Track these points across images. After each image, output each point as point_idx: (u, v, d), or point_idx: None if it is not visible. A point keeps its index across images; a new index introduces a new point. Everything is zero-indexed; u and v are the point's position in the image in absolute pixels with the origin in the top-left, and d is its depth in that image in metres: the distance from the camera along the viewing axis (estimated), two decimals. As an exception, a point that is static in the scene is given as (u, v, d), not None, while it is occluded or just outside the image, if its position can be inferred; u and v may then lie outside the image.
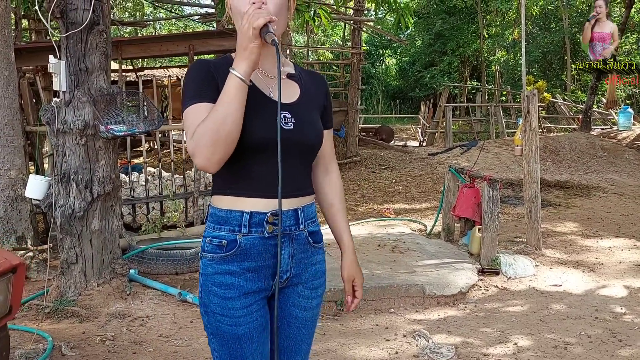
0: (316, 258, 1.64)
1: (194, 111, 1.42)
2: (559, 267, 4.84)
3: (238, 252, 1.49)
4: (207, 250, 1.52)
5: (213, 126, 1.34)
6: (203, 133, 1.35)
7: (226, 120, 1.35)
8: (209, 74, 1.48)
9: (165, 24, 20.38)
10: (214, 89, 1.44)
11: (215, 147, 1.36)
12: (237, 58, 1.38)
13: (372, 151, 11.43)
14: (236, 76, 1.36)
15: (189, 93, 1.46)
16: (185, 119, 1.44)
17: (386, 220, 6.68)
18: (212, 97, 1.43)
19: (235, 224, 1.48)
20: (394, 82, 31.60)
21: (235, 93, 1.36)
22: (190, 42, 5.97)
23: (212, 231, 1.52)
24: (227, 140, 1.36)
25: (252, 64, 1.38)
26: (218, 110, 1.36)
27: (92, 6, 3.56)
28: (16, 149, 4.46)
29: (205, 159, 1.37)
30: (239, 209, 1.48)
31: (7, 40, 4.36)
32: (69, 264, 3.79)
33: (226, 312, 1.49)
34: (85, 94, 3.64)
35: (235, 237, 1.48)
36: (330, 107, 1.69)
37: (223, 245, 1.49)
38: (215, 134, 1.34)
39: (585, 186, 8.64)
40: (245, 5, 1.44)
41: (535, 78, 18.83)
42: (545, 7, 22.65)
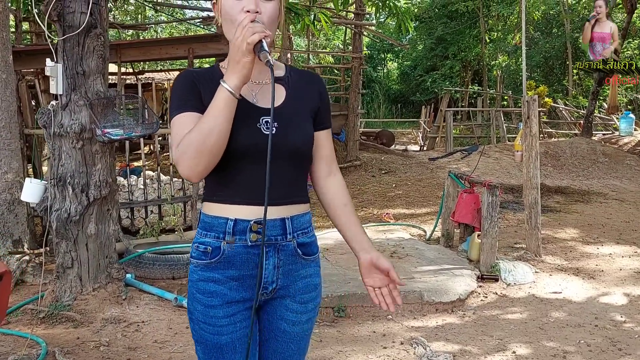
0: (307, 271, 1.57)
1: (179, 121, 1.43)
2: (558, 273, 4.80)
3: (222, 259, 1.47)
4: (194, 256, 1.51)
5: (199, 137, 1.34)
6: (189, 143, 1.35)
7: (212, 132, 1.34)
8: (193, 84, 1.48)
9: (166, 27, 20.41)
10: (197, 98, 1.45)
11: (199, 158, 1.35)
12: (229, 71, 1.36)
13: (373, 155, 11.42)
14: (226, 89, 1.35)
15: (173, 104, 1.47)
16: (171, 128, 1.45)
17: (385, 225, 6.65)
18: (196, 106, 1.43)
19: (220, 231, 1.47)
20: (396, 86, 31.59)
21: (223, 106, 1.35)
22: (190, 46, 5.95)
23: (199, 237, 1.51)
24: (212, 151, 1.36)
25: (243, 78, 1.36)
26: (205, 122, 1.35)
27: (89, 9, 3.54)
28: (13, 152, 4.44)
29: (189, 169, 1.37)
30: (224, 215, 1.47)
31: (5, 43, 4.35)
32: (64, 268, 3.76)
33: (209, 320, 1.48)
34: (82, 97, 3.62)
35: (220, 244, 1.47)
36: (326, 106, 1.63)
37: (208, 251, 1.48)
38: (201, 145, 1.34)
39: (586, 192, 8.61)
40: (238, 12, 1.42)
41: (537, 83, 18.79)
42: (547, 12, 22.67)
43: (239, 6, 1.43)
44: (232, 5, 1.44)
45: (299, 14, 5.52)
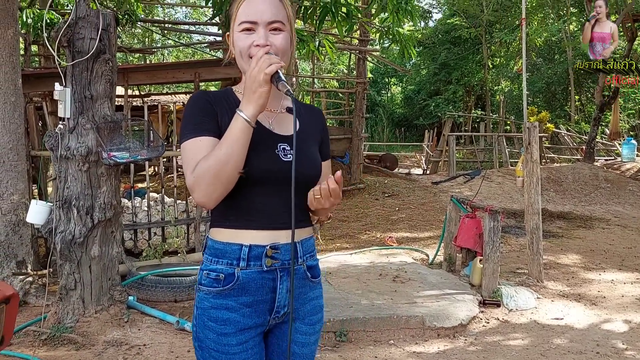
0: (314, 293, 1.61)
1: (194, 145, 1.43)
2: (560, 299, 4.79)
3: (236, 286, 1.47)
4: (204, 283, 1.50)
5: (215, 165, 1.36)
6: (205, 171, 1.36)
7: (229, 161, 1.36)
8: (209, 106, 1.49)
9: (173, 51, 20.67)
10: (213, 122, 1.46)
11: (215, 185, 1.37)
12: (245, 100, 1.39)
13: (376, 178, 11.46)
14: (243, 118, 1.37)
15: (188, 126, 1.46)
16: (184, 151, 1.45)
17: (388, 249, 6.66)
18: (212, 130, 1.44)
19: (233, 257, 1.47)
20: (400, 109, 31.81)
21: (240, 135, 1.37)
22: (196, 70, 6.05)
23: (209, 264, 1.50)
24: (228, 180, 1.38)
25: (260, 108, 1.39)
26: (222, 150, 1.37)
27: (98, 35, 3.63)
28: (20, 173, 4.49)
29: (205, 196, 1.39)
30: (238, 241, 1.48)
31: (15, 67, 4.43)
32: (67, 290, 3.78)
33: (222, 348, 1.47)
34: (89, 121, 3.68)
35: (234, 271, 1.47)
36: (327, 138, 1.69)
37: (220, 279, 1.47)
38: (217, 172, 1.36)
39: (588, 217, 8.61)
40: (249, 47, 1.47)
41: (539, 108, 18.91)
42: (549, 38, 22.90)
43: (249, 40, 1.48)
44: (243, 39, 1.48)
45: (303, 40, 5.60)
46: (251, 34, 1.48)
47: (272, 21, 1.48)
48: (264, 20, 1.47)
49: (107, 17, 3.74)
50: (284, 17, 1.51)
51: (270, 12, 1.48)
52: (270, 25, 1.48)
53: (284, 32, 1.50)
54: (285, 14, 1.52)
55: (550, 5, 21.05)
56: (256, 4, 1.48)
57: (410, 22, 6.15)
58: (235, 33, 1.51)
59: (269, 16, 1.48)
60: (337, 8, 5.78)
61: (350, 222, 8.27)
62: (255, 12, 1.47)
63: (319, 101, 17.84)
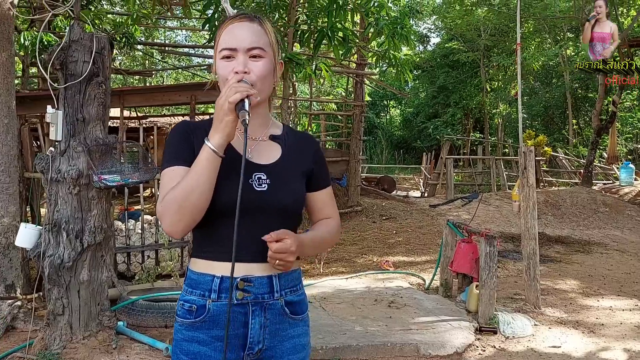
0: (295, 331, 1.53)
1: (168, 174, 1.44)
2: (558, 327, 4.72)
3: (207, 318, 1.44)
4: (179, 314, 1.48)
5: (181, 195, 1.35)
6: (171, 200, 1.36)
7: (194, 191, 1.35)
8: (186, 135, 1.49)
9: (172, 73, 20.80)
10: (189, 151, 1.46)
11: (180, 215, 1.36)
12: (213, 130, 1.39)
13: (374, 201, 11.41)
14: (209, 148, 1.37)
15: (166, 155, 1.48)
16: (161, 180, 1.47)
17: (385, 274, 6.59)
18: (187, 160, 1.44)
19: (205, 289, 1.45)
20: (398, 132, 31.94)
21: (206, 165, 1.37)
22: (193, 93, 6.06)
23: (185, 294, 1.49)
24: (193, 210, 1.37)
25: (226, 137, 1.38)
26: (188, 180, 1.36)
27: (92, 58, 3.62)
28: (11, 196, 4.45)
29: (171, 225, 1.38)
30: (210, 272, 1.45)
31: (10, 89, 4.42)
32: (55, 316, 3.71)
33: None
34: (81, 143, 3.66)
35: (205, 303, 1.44)
36: (322, 167, 1.62)
37: (193, 310, 1.45)
38: (182, 202, 1.35)
39: (586, 242, 8.55)
40: (229, 73, 1.46)
41: (537, 132, 18.97)
42: (547, 62, 23.08)
43: (229, 67, 1.46)
44: (224, 67, 1.48)
45: (298, 64, 5.63)
46: (231, 61, 1.47)
47: (252, 47, 1.47)
48: (243, 47, 1.46)
49: (101, 40, 3.74)
50: (265, 43, 1.49)
51: (250, 39, 1.47)
52: (250, 51, 1.47)
53: (264, 59, 1.48)
54: (267, 41, 1.50)
55: (547, 31, 21.28)
56: (236, 31, 1.48)
57: (406, 46, 6.18)
58: (217, 60, 1.50)
59: (248, 43, 1.47)
60: (334, 32, 5.82)
61: (346, 246, 8.21)
62: (235, 39, 1.47)
63: (319, 123, 17.92)
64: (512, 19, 18.04)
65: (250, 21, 1.50)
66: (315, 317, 4.57)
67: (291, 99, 10.08)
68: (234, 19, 1.51)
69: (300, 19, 7.47)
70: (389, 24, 5.76)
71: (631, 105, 21.44)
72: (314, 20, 6.44)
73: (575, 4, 15.85)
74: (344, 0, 5.82)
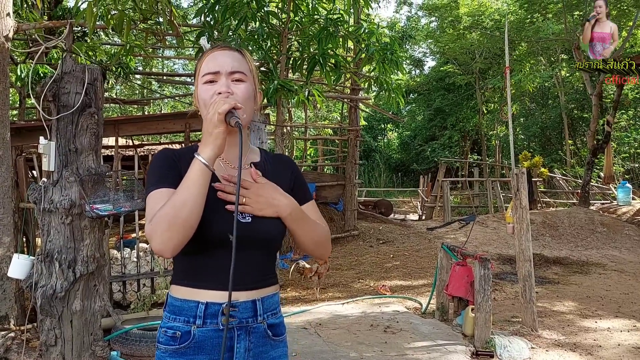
0: (277, 352, 1.57)
1: (155, 196, 1.43)
2: (555, 349, 4.68)
3: (192, 344, 1.44)
4: (162, 341, 1.48)
5: (172, 210, 1.34)
6: (162, 217, 1.34)
7: (186, 204, 1.34)
8: (172, 161, 1.51)
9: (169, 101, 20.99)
10: (175, 175, 1.45)
11: (172, 231, 1.33)
12: (202, 144, 1.41)
13: (371, 225, 11.41)
14: (200, 161, 1.37)
15: (150, 180, 1.47)
16: (147, 204, 1.45)
17: (381, 298, 6.56)
18: (173, 183, 1.43)
19: (190, 315, 1.45)
20: (396, 155, 32.06)
21: (197, 178, 1.37)
22: (187, 121, 6.12)
23: (167, 321, 1.49)
24: (184, 225, 1.34)
25: (216, 150, 1.39)
26: (178, 195, 1.36)
27: (84, 90, 3.67)
28: (5, 226, 4.47)
29: (162, 243, 1.34)
30: (195, 299, 1.46)
31: (4, 121, 4.47)
32: (47, 347, 3.69)
33: None
34: (73, 173, 3.68)
35: (190, 329, 1.45)
36: (300, 183, 1.66)
37: (177, 336, 1.45)
38: (173, 218, 1.33)
39: (584, 262, 8.52)
40: (212, 95, 1.49)
41: (534, 153, 19.06)
42: (542, 84, 23.31)
43: (211, 91, 1.50)
44: (206, 90, 1.51)
45: (290, 91, 5.70)
46: (214, 85, 1.51)
47: (234, 71, 1.51)
48: (225, 70, 1.51)
49: (93, 71, 3.79)
50: (246, 69, 1.54)
51: (232, 64, 1.52)
52: (232, 75, 1.51)
53: (245, 83, 1.53)
54: (248, 68, 1.56)
55: (540, 53, 21.53)
56: (218, 57, 1.53)
57: (397, 71, 6.27)
58: (199, 86, 1.53)
59: (231, 67, 1.51)
60: (325, 59, 5.91)
61: (343, 270, 8.18)
62: (217, 64, 1.51)
63: (316, 148, 17.99)
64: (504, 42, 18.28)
65: (231, 50, 1.56)
66: (310, 343, 4.55)
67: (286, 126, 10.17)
68: (215, 48, 1.56)
69: (293, 47, 7.59)
70: (379, 50, 5.86)
71: (627, 125, 21.57)
72: (306, 48, 6.54)
73: (567, 26, 16.09)
74: (334, 28, 5.92)
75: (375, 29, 6.29)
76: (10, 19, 4.54)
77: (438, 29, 24.47)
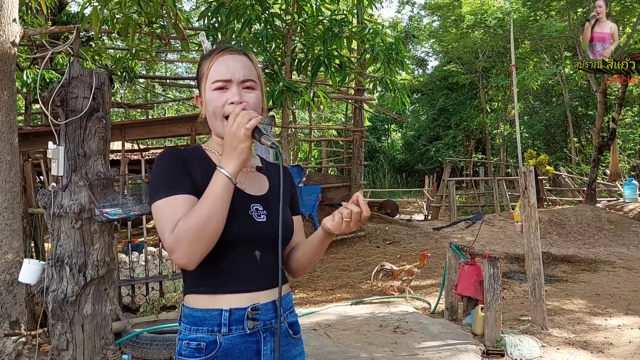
0: (297, 350, 1.59)
1: (170, 204, 1.37)
2: (566, 347, 4.67)
3: (219, 353, 1.42)
4: (185, 354, 1.44)
5: (198, 224, 1.31)
6: (187, 230, 1.31)
7: (212, 219, 1.32)
8: (181, 162, 1.45)
9: (173, 105, 21.03)
10: (187, 179, 1.42)
11: (197, 244, 1.32)
12: (226, 157, 1.36)
13: (377, 225, 11.38)
14: (224, 175, 1.34)
15: (161, 184, 1.41)
16: (159, 211, 1.38)
17: (390, 299, 6.55)
18: (187, 187, 1.40)
19: (214, 324, 1.42)
20: (400, 155, 32.02)
21: (222, 192, 1.34)
22: (192, 124, 6.12)
23: (188, 333, 1.45)
24: (210, 238, 1.33)
25: (241, 164, 1.37)
26: (204, 208, 1.33)
27: (92, 94, 3.68)
28: (14, 232, 4.48)
29: (186, 256, 1.33)
30: (217, 307, 1.43)
31: (12, 127, 4.49)
32: (59, 351, 3.70)
33: None
34: (82, 178, 3.69)
35: (215, 338, 1.42)
36: (296, 194, 1.69)
37: (202, 347, 1.42)
38: (199, 231, 1.31)
39: (592, 260, 8.49)
40: (222, 105, 1.46)
41: (538, 151, 19.01)
42: (545, 82, 23.26)
43: (223, 99, 1.47)
44: (217, 98, 1.47)
45: (295, 92, 5.70)
46: (224, 92, 1.47)
47: (246, 79, 1.49)
48: (237, 78, 1.48)
49: (100, 76, 3.80)
50: (255, 76, 1.52)
51: (243, 71, 1.49)
52: (244, 83, 1.49)
53: (256, 91, 1.51)
54: (256, 74, 1.53)
55: (544, 50, 21.48)
56: (228, 63, 1.49)
57: (402, 70, 6.26)
58: (207, 92, 1.49)
59: (242, 75, 1.48)
60: (330, 60, 5.91)
61: (350, 271, 8.17)
62: (229, 71, 1.48)
63: (320, 150, 18.00)
64: (508, 40, 18.24)
65: (240, 54, 1.52)
66: (320, 344, 4.54)
67: (291, 127, 10.16)
68: (223, 51, 1.51)
69: (297, 48, 7.59)
70: (384, 50, 5.86)
71: (632, 121, 21.50)
72: (311, 49, 6.55)
73: (571, 23, 16.05)
74: (339, 29, 5.93)
75: (380, 29, 6.29)
76: (16, 24, 4.56)
77: (441, 28, 24.45)
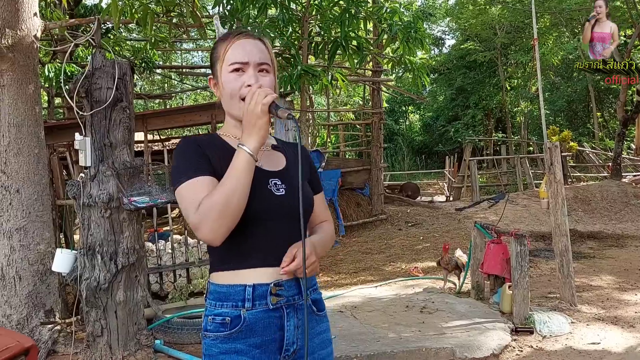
0: (321, 327, 1.61)
1: (193, 186, 1.42)
2: (596, 323, 4.63)
3: (243, 328, 1.46)
4: (210, 329, 1.49)
5: (222, 199, 1.36)
6: (210, 207, 1.36)
7: (235, 194, 1.37)
8: (199, 149, 1.50)
9: (191, 95, 21.13)
10: (207, 163, 1.47)
11: (222, 219, 1.37)
12: (246, 134, 1.42)
13: (399, 208, 11.37)
14: (246, 151, 1.40)
15: (183, 169, 1.46)
16: (182, 194, 1.44)
17: (414, 280, 6.55)
18: (208, 170, 1.45)
19: (238, 299, 1.47)
20: (419, 137, 31.78)
21: (243, 167, 1.39)
22: (212, 112, 6.15)
23: (213, 309, 1.50)
24: (234, 213, 1.38)
25: (261, 140, 1.42)
26: (227, 185, 1.38)
27: (115, 84, 3.72)
28: (45, 223, 4.57)
29: (212, 232, 1.37)
30: (241, 282, 1.48)
31: (38, 120, 4.55)
32: (94, 337, 3.79)
33: None
34: (110, 167, 3.75)
35: (239, 313, 1.47)
36: (315, 173, 1.72)
37: (227, 322, 1.47)
38: (224, 207, 1.36)
39: (620, 236, 8.38)
40: (240, 88, 1.50)
41: (561, 127, 18.73)
42: (566, 56, 22.80)
43: (239, 82, 1.51)
44: (234, 80, 1.52)
45: (314, 76, 5.68)
46: (241, 75, 1.52)
47: (261, 62, 1.53)
48: (254, 62, 1.52)
49: (122, 66, 3.84)
50: (269, 60, 1.57)
51: (259, 54, 1.54)
52: (260, 66, 1.53)
53: (270, 74, 1.56)
54: (270, 58, 1.57)
55: (564, 24, 21.04)
56: (245, 46, 1.53)
57: (421, 49, 6.19)
58: (224, 74, 1.53)
59: (259, 58, 1.53)
60: (348, 42, 5.87)
61: (373, 254, 8.19)
62: (246, 54, 1.52)
63: (337, 134, 17.95)
64: (527, 15, 17.92)
65: (255, 39, 1.57)
66: (347, 326, 4.57)
67: (311, 111, 10.15)
68: (240, 35, 1.56)
69: (314, 31, 7.55)
70: (402, 29, 5.80)
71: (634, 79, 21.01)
72: (327, 32, 6.50)
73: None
74: (356, 9, 5.87)
75: (398, 7, 6.22)
76: (37, 18, 4.60)
77: (457, 5, 24.05)
